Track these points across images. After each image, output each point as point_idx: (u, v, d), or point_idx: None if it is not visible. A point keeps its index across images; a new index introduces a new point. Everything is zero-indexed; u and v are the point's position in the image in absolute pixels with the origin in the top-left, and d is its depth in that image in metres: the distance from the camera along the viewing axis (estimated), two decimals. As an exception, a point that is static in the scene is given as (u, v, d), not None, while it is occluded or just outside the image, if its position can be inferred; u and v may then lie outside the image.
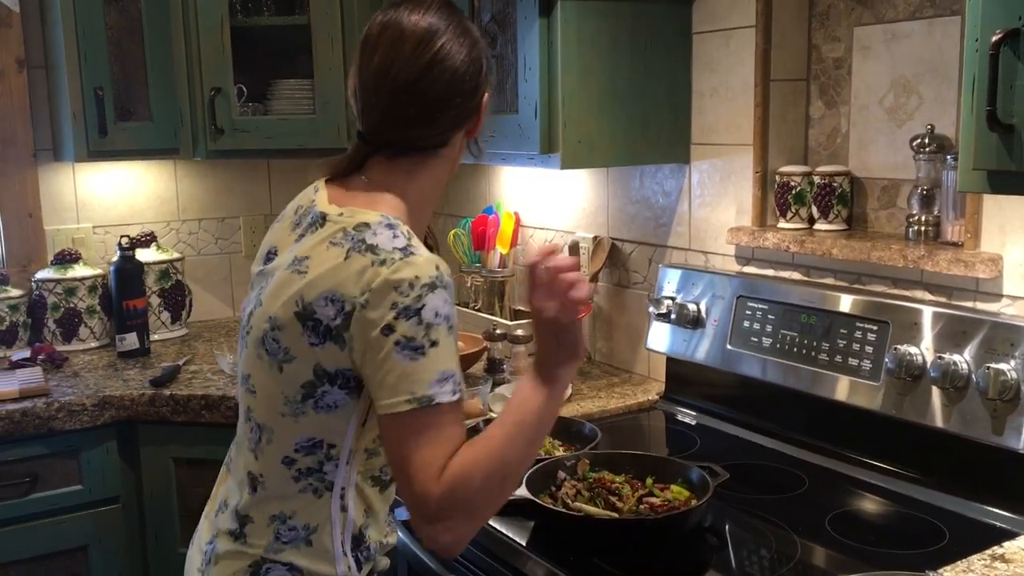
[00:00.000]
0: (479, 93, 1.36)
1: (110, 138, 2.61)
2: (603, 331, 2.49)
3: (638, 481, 1.62)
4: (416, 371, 1.19)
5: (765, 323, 1.92)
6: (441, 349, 1.20)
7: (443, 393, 1.19)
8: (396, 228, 1.26)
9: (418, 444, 1.19)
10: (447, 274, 1.24)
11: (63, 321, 2.73)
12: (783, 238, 1.92)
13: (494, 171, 2.87)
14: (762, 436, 1.94)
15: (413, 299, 1.19)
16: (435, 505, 1.18)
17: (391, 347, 1.19)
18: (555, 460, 1.68)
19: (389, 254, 1.22)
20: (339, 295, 1.22)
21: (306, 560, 1.33)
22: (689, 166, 2.20)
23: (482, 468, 1.20)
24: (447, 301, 1.23)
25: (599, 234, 2.47)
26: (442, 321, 1.21)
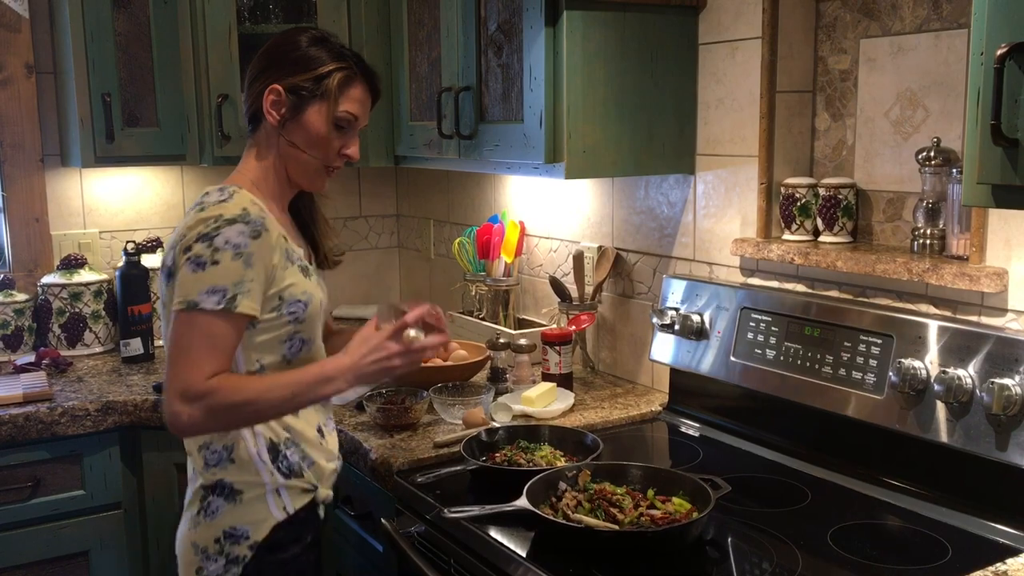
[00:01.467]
0: (265, 78, 1.63)
1: (117, 144, 2.62)
2: (607, 341, 2.49)
3: (639, 493, 1.61)
4: (192, 281, 1.49)
5: (769, 335, 1.91)
6: (220, 268, 1.49)
7: (207, 301, 1.48)
8: (225, 189, 1.57)
9: (189, 341, 1.48)
10: (256, 215, 1.53)
11: (68, 326, 2.73)
12: (788, 250, 1.92)
13: (500, 180, 2.87)
14: (765, 449, 1.93)
15: (212, 228, 1.50)
16: (195, 394, 1.47)
17: (184, 261, 1.50)
18: (556, 471, 1.67)
19: (209, 203, 1.54)
20: (177, 241, 1.53)
21: (234, 474, 1.61)
22: (694, 177, 2.19)
23: (242, 395, 1.50)
24: (242, 233, 1.50)
25: (604, 244, 2.46)
26: (229, 248, 1.49)
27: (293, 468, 1.64)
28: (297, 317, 1.61)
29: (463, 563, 1.63)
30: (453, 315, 2.82)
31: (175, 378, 1.49)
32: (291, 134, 1.63)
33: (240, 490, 1.61)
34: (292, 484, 1.64)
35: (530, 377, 2.32)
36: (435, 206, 3.22)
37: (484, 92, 2.19)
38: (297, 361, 1.64)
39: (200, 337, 1.49)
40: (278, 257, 1.57)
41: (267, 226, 1.55)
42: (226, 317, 1.50)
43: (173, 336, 1.51)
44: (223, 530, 1.61)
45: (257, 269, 1.53)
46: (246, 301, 1.51)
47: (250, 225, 1.52)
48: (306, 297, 1.62)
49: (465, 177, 3.02)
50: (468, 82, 2.20)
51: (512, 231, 2.66)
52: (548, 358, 2.28)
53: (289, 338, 1.62)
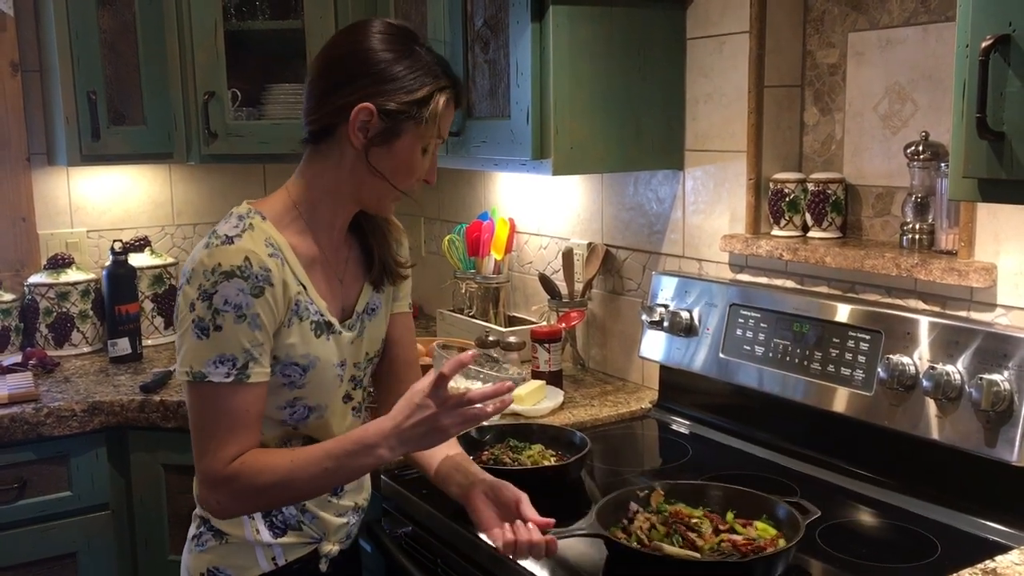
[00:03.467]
0: (351, 92, 1.38)
1: (103, 142, 2.60)
2: (596, 338, 2.47)
3: (717, 515, 1.47)
4: (199, 349, 1.34)
5: (758, 332, 1.90)
6: (224, 335, 1.33)
7: (216, 374, 1.33)
8: (243, 220, 1.40)
9: (204, 418, 1.36)
10: (258, 266, 1.35)
11: (55, 326, 2.71)
12: (776, 246, 1.91)
13: (489, 177, 2.86)
14: (755, 446, 1.92)
15: (210, 284, 1.34)
16: (217, 480, 1.35)
17: (189, 323, 1.35)
18: (626, 491, 1.53)
19: (215, 238, 1.37)
20: (186, 270, 1.38)
21: (217, 520, 1.48)
22: (683, 172, 2.18)
23: (268, 478, 1.35)
24: (242, 292, 1.34)
25: (593, 240, 2.45)
26: (230, 309, 1.33)
27: (289, 523, 1.49)
28: (293, 382, 1.42)
29: (452, 565, 1.62)
30: (443, 312, 2.80)
31: (198, 461, 1.36)
32: (376, 159, 1.40)
33: (226, 532, 1.49)
34: (286, 541, 1.49)
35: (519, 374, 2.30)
36: (425, 203, 3.21)
37: (471, 88, 2.17)
38: (307, 429, 1.47)
39: (214, 413, 1.35)
40: (284, 313, 1.39)
41: (272, 280, 1.36)
42: (239, 389, 1.35)
43: (188, 406, 1.38)
44: (207, 567, 1.49)
45: (265, 330, 1.36)
46: (258, 368, 1.36)
47: (249, 281, 1.34)
48: (306, 361, 1.42)
49: (455, 174, 3.00)
50: (455, 78, 2.18)
51: (502, 228, 2.65)
52: (538, 356, 2.27)
53: (289, 404, 1.44)
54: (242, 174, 3.15)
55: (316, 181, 1.45)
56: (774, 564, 1.36)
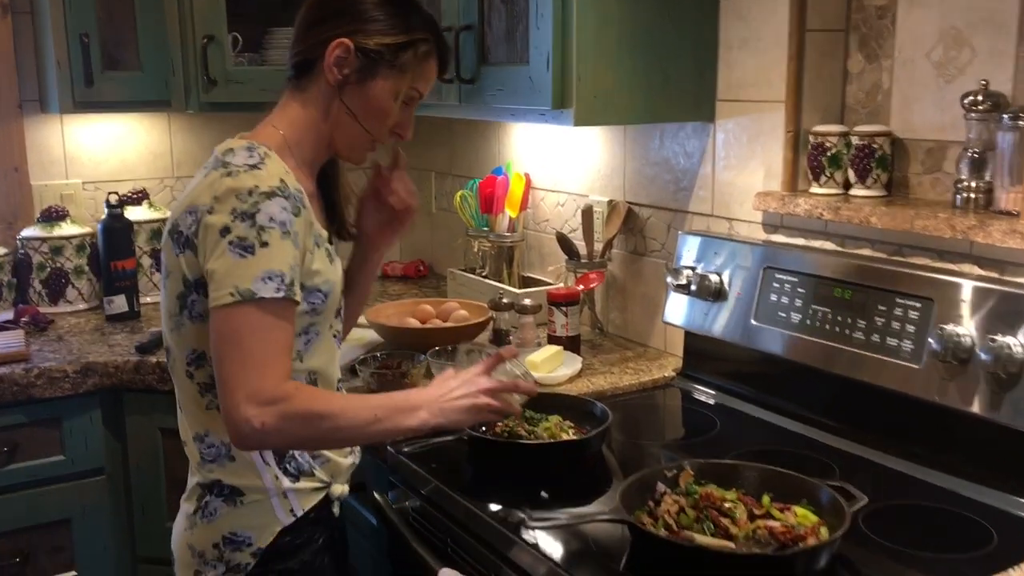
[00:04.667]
0: (333, 27, 1.41)
1: (96, 88, 2.46)
2: (617, 302, 2.34)
3: (752, 498, 1.35)
4: (242, 267, 1.28)
5: (794, 297, 1.76)
6: (271, 250, 1.29)
7: (266, 289, 1.27)
8: (254, 150, 1.36)
9: (254, 338, 1.27)
10: (293, 187, 1.34)
11: (49, 282, 2.60)
12: (816, 204, 1.76)
13: (503, 129, 2.71)
14: (788, 419, 1.79)
15: (250, 204, 1.29)
16: (268, 398, 1.26)
17: (225, 246, 1.28)
18: (653, 471, 1.42)
19: (237, 167, 1.33)
20: (195, 206, 1.33)
21: (233, 476, 1.43)
22: (714, 125, 2.03)
23: (322, 406, 1.32)
24: (285, 209, 1.31)
25: (614, 198, 2.31)
26: (276, 226, 1.29)
27: (302, 468, 1.46)
28: (315, 308, 1.41)
29: (459, 542, 1.50)
30: (454, 272, 2.67)
31: (243, 381, 1.26)
32: (349, 99, 1.43)
33: (241, 492, 1.43)
34: (301, 486, 1.46)
35: (535, 339, 2.17)
36: (436, 157, 3.06)
37: (487, 32, 2.02)
38: (307, 357, 1.44)
39: (264, 331, 1.28)
40: (309, 238, 1.38)
41: (304, 202, 1.36)
42: (285, 306, 1.30)
43: (227, 331, 1.28)
44: (222, 535, 1.42)
45: (299, 251, 1.34)
46: (298, 288, 1.33)
47: (290, 200, 1.32)
48: (327, 287, 1.43)
49: (467, 126, 2.85)
50: (469, 20, 2.03)
51: (517, 184, 2.51)
52: (554, 319, 2.13)
53: (305, 331, 1.42)
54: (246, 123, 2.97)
55: (299, 118, 1.45)
56: (816, 556, 1.23)
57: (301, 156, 1.45)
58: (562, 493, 1.53)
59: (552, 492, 1.53)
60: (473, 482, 1.60)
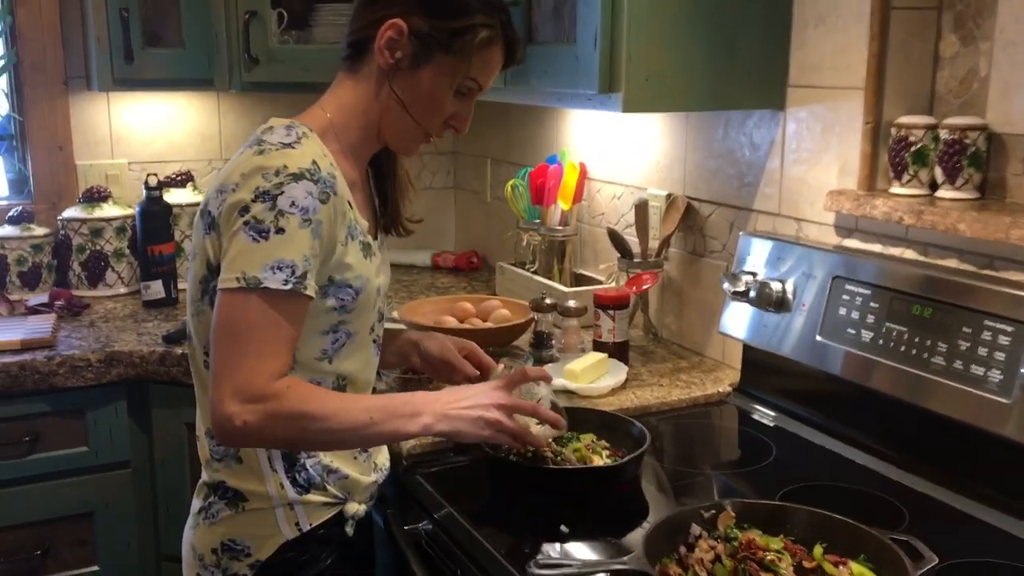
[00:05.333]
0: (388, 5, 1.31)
1: (136, 65, 2.37)
2: (673, 305, 2.14)
3: (802, 549, 1.17)
4: (254, 252, 1.20)
5: (866, 312, 1.54)
6: (286, 238, 1.20)
7: (273, 279, 1.19)
8: (294, 129, 1.29)
9: (249, 328, 1.19)
10: (326, 171, 1.25)
11: (88, 264, 2.53)
12: (896, 207, 1.54)
13: (560, 114, 2.53)
14: (854, 449, 1.58)
15: (274, 185, 1.21)
16: (255, 395, 1.18)
17: (241, 226, 1.21)
18: (686, 511, 1.24)
19: (271, 145, 1.25)
20: (224, 185, 1.25)
21: (237, 479, 1.35)
22: (784, 113, 1.81)
23: (313, 407, 1.21)
24: (310, 194, 1.22)
25: (673, 192, 2.11)
26: (296, 212, 1.21)
27: (312, 481, 1.36)
28: (344, 305, 1.32)
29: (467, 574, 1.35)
30: (503, 266, 2.51)
31: (231, 373, 1.19)
32: (400, 85, 1.33)
33: (244, 497, 1.35)
34: (309, 499, 1.36)
35: (579, 345, 2.00)
36: (492, 143, 2.90)
37: (533, 8, 1.84)
38: (338, 359, 1.35)
39: (263, 324, 1.20)
40: (341, 229, 1.29)
41: (336, 188, 1.27)
42: (292, 300, 1.21)
43: (225, 319, 1.21)
44: (221, 540, 1.35)
45: (322, 241, 1.25)
46: (312, 281, 1.24)
47: (319, 184, 1.23)
48: (359, 283, 1.33)
49: (523, 111, 2.68)
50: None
51: (571, 174, 2.33)
52: (600, 324, 1.95)
53: (332, 329, 1.33)
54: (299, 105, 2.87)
55: (348, 102, 1.37)
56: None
57: (347, 142, 1.36)
58: (586, 527, 1.36)
59: (575, 525, 1.36)
60: (489, 508, 1.45)
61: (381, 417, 1.25)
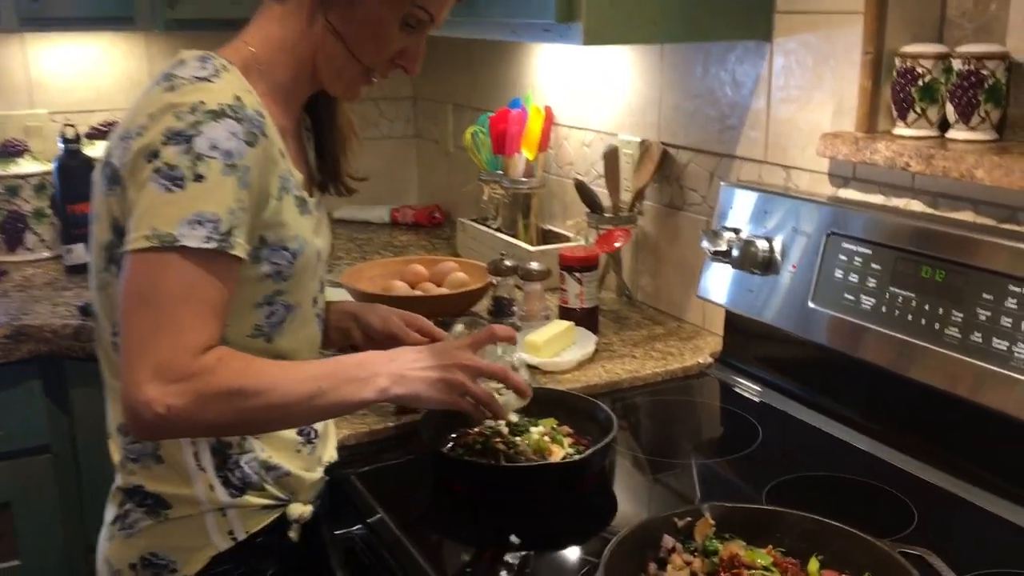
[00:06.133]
0: None
1: (44, 1, 2.11)
2: (648, 264, 1.93)
3: (794, 562, 0.99)
4: (167, 204, 1.01)
5: (866, 275, 1.33)
6: (207, 187, 1.01)
7: (192, 236, 1.00)
8: (209, 61, 1.08)
9: (166, 295, 1.00)
10: (252, 109, 1.06)
11: (7, 226, 2.29)
12: (901, 151, 1.32)
13: (525, 52, 2.28)
14: (850, 431, 1.38)
15: (189, 124, 1.02)
16: (178, 373, 0.99)
17: (150, 174, 1.01)
18: (656, 519, 1.05)
19: (182, 80, 1.05)
20: (128, 131, 1.06)
21: (157, 482, 1.15)
22: (771, 45, 1.58)
23: (250, 381, 1.03)
24: (235, 135, 1.03)
25: (647, 137, 1.88)
26: (219, 156, 1.02)
27: (249, 480, 1.17)
28: (281, 272, 1.12)
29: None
30: (464, 223, 2.29)
31: (147, 350, 0.99)
32: (337, 16, 1.14)
33: (166, 504, 1.15)
34: (245, 502, 1.17)
35: (542, 312, 1.78)
36: (455, 87, 2.65)
37: (483, -76, 1.60)
38: (277, 336, 1.15)
39: (183, 289, 1.00)
40: (273, 180, 1.09)
41: (266, 129, 1.07)
42: (218, 261, 1.02)
43: (136, 286, 1.01)
44: (141, 554, 1.16)
45: (251, 192, 1.05)
46: (241, 239, 1.04)
47: (245, 124, 1.04)
48: (297, 245, 1.13)
49: (487, 49, 2.44)
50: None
51: (535, 119, 2.10)
52: (567, 288, 1.74)
53: (267, 301, 1.13)
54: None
55: (275, 34, 1.16)
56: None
57: (275, 81, 1.15)
58: (541, 534, 1.16)
59: (528, 532, 1.16)
60: (430, 513, 1.25)
61: (330, 384, 1.07)
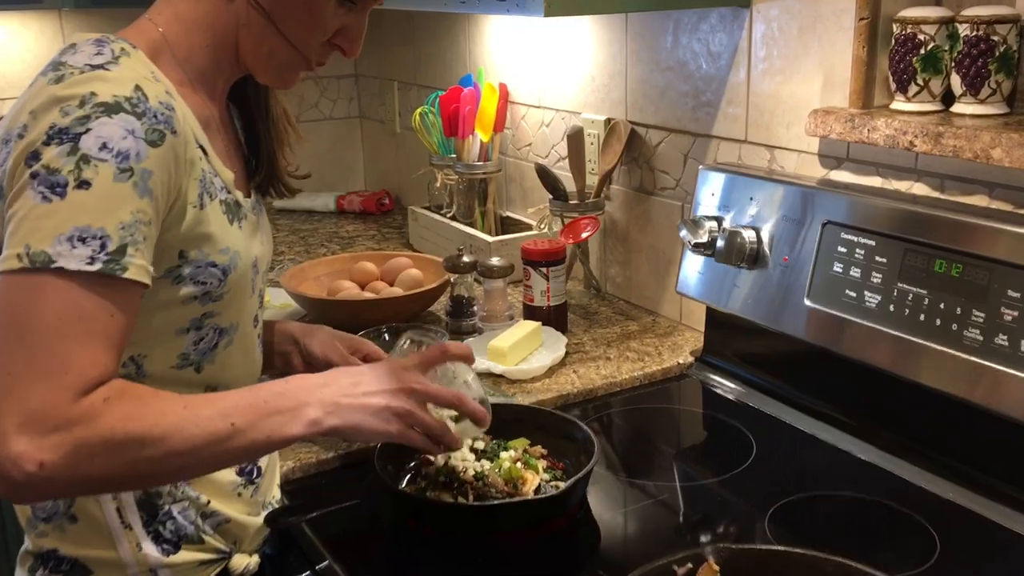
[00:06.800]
0: None
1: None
2: (617, 254, 1.78)
3: None
4: (44, 216, 0.84)
5: (870, 269, 1.19)
6: (93, 196, 0.85)
7: (71, 256, 0.83)
8: (106, 45, 0.92)
9: (39, 327, 0.82)
10: (156, 100, 0.89)
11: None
12: (904, 128, 1.18)
13: (476, 25, 2.11)
14: (854, 441, 1.24)
15: (75, 120, 0.86)
16: (53, 422, 0.81)
17: (27, 179, 0.85)
18: (655, 568, 0.88)
19: (72, 68, 0.89)
20: (11, 130, 0.89)
21: (74, 544, 0.98)
22: (750, 10, 1.43)
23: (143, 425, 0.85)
24: (132, 133, 0.87)
25: (613, 116, 1.73)
26: (109, 159, 0.85)
27: (184, 532, 1.01)
28: (209, 292, 0.97)
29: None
30: (415, 211, 2.12)
31: (15, 393, 0.81)
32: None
33: (87, 569, 0.98)
34: (181, 560, 1.00)
35: (506, 311, 1.63)
36: (399, 64, 2.47)
37: None
38: (208, 366, 1.01)
39: (61, 320, 0.83)
40: (190, 184, 0.94)
41: (176, 125, 0.90)
42: (106, 286, 0.85)
43: (4, 315, 0.84)
44: None
45: (156, 202, 0.89)
46: (138, 258, 0.87)
47: (147, 119, 0.88)
48: (227, 258, 0.98)
49: (432, 22, 2.26)
50: None
51: (489, 98, 1.93)
52: (532, 284, 1.59)
53: (195, 326, 0.98)
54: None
55: (187, 12, 1.00)
56: None
57: (192, 66, 1.00)
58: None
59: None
60: (387, 557, 1.09)
61: (247, 420, 0.89)
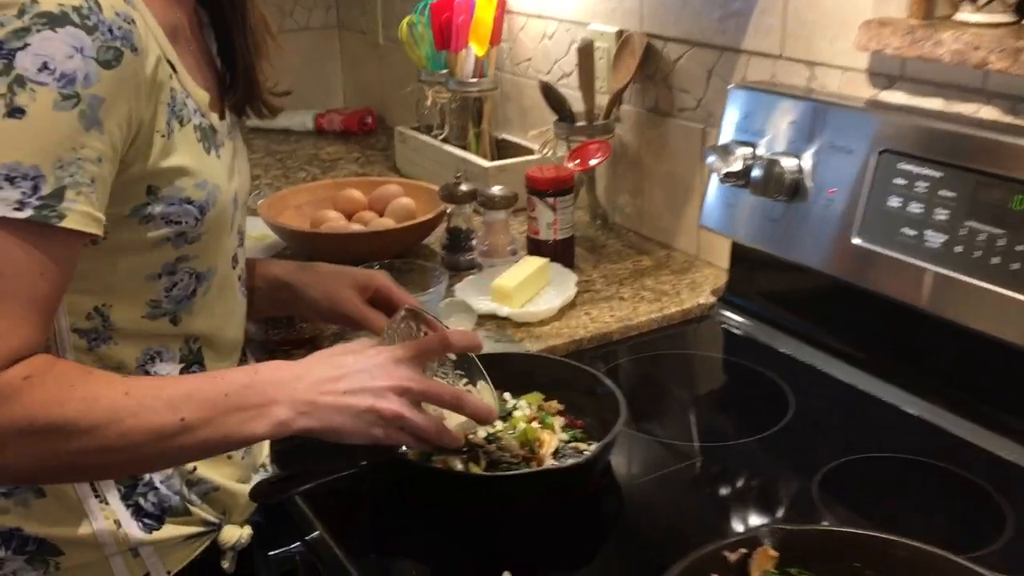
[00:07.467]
0: None
1: None
2: (627, 181, 1.63)
3: None
4: None
5: (934, 205, 1.06)
6: (26, 126, 0.71)
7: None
8: None
9: None
10: (112, 12, 0.75)
11: None
12: (976, 42, 1.03)
13: (469, -75, 1.91)
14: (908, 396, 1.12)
15: (10, 32, 0.72)
16: None
17: None
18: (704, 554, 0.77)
19: None
20: None
21: (41, 523, 0.86)
22: (791, -93, 1.26)
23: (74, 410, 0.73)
24: (80, 51, 0.73)
25: (626, 27, 1.56)
26: (52, 82, 0.72)
27: (169, 505, 0.91)
28: (184, 233, 0.85)
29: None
30: (403, 132, 1.96)
31: None
32: None
33: (56, 550, 0.87)
34: (165, 536, 0.90)
35: (508, 245, 1.48)
36: (383, -32, 2.27)
37: None
38: (186, 315, 0.89)
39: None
40: (157, 109, 0.81)
41: (136, 41, 0.77)
42: (39, 236, 0.73)
43: None
44: None
45: (108, 135, 0.75)
46: (81, 204, 0.74)
47: (99, 35, 0.74)
48: (203, 194, 0.86)
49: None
50: None
51: (485, 6, 1.75)
52: (537, 216, 1.44)
53: (168, 271, 0.87)
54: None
55: None
56: None
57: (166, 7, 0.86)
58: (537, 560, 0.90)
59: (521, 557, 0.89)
60: (382, 534, 0.96)
61: (202, 416, 0.77)
